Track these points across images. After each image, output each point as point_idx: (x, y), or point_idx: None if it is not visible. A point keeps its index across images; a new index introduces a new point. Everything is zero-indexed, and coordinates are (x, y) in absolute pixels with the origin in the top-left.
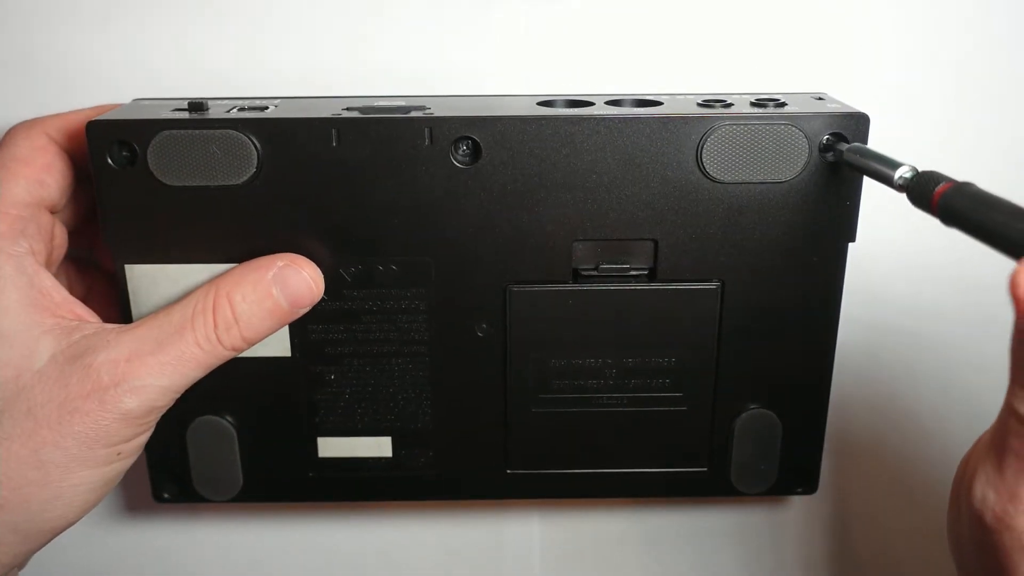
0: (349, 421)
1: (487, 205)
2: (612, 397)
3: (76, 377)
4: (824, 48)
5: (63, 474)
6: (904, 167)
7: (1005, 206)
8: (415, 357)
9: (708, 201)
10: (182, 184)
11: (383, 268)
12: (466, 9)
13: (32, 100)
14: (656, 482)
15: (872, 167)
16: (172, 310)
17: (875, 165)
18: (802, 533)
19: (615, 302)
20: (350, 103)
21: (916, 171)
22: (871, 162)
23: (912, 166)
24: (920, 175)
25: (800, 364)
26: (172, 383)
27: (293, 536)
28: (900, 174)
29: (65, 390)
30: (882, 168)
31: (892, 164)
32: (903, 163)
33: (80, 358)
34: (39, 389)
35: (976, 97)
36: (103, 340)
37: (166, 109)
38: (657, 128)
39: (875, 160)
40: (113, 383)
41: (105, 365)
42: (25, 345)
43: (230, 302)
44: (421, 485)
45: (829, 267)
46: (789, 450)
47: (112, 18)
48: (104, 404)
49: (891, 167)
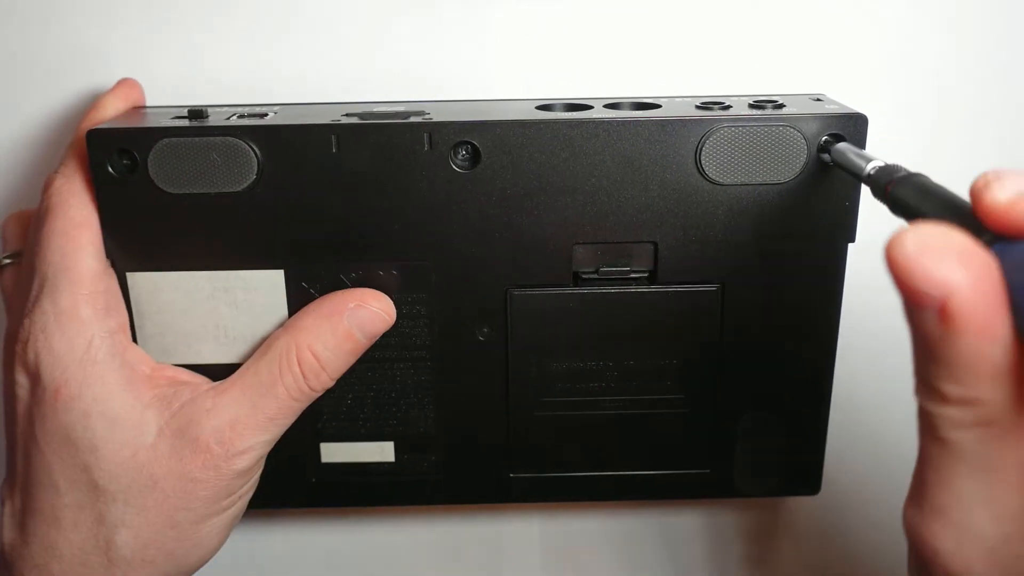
0: (351, 426)
1: (487, 209)
2: (614, 400)
3: (188, 450)
4: (822, 49)
5: (196, 527)
6: (874, 162)
7: (939, 195)
8: (416, 362)
9: (707, 203)
10: (183, 192)
11: (383, 273)
12: (464, 14)
13: (32, 106)
14: (659, 484)
15: (850, 163)
16: (258, 368)
17: (853, 160)
18: (805, 534)
19: (616, 305)
20: (349, 109)
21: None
22: (851, 158)
23: (883, 162)
24: (881, 168)
25: (801, 365)
26: (274, 435)
27: (296, 541)
28: (868, 168)
29: (181, 464)
30: (857, 162)
31: (866, 159)
32: (876, 158)
33: (186, 431)
34: (157, 464)
35: (976, 97)
36: (202, 409)
37: (166, 117)
38: (656, 131)
39: (854, 156)
40: (224, 452)
41: (212, 435)
42: (134, 424)
43: (313, 353)
44: (424, 489)
45: (829, 268)
46: (791, 451)
47: (111, 26)
48: (220, 471)
49: (864, 161)
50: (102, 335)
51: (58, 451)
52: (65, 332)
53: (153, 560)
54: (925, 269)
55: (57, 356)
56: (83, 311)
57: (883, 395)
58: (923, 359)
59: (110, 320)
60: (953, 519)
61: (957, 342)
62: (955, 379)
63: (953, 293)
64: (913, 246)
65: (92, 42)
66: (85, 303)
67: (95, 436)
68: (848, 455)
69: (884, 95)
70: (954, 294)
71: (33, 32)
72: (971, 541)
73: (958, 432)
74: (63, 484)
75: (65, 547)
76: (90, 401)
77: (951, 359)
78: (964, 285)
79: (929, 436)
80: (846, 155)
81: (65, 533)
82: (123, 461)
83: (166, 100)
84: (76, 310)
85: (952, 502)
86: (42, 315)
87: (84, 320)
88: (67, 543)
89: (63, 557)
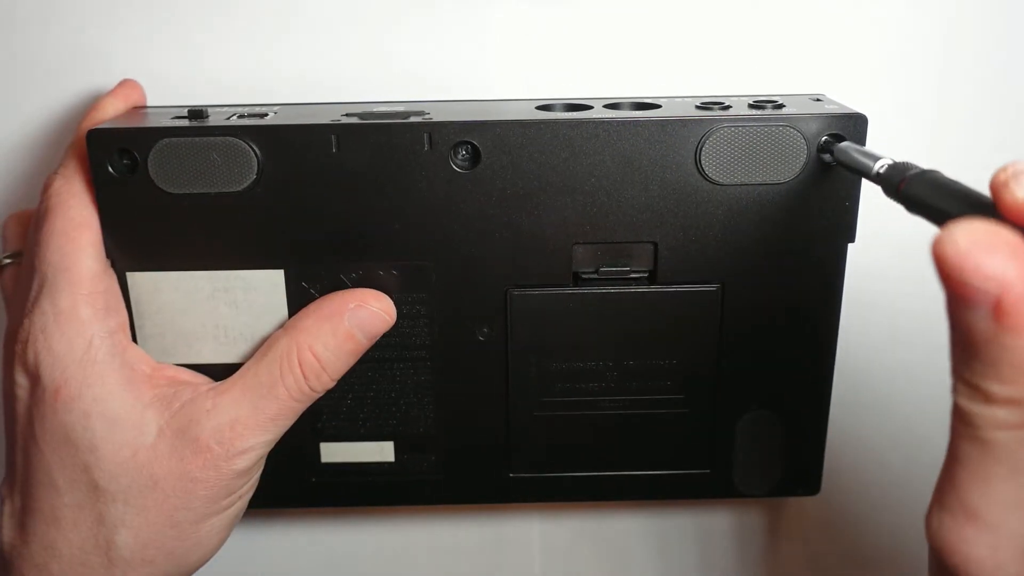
0: (351, 426)
1: (487, 209)
2: (614, 400)
3: (188, 450)
4: (821, 49)
5: (196, 527)
6: (882, 160)
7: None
8: (416, 362)
9: (707, 203)
10: (183, 191)
11: (383, 273)
12: (464, 14)
13: (33, 106)
14: (658, 484)
15: (856, 161)
16: (259, 370)
17: (859, 159)
18: (804, 534)
19: (615, 305)
20: (349, 109)
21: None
22: (857, 156)
23: (892, 159)
24: (892, 166)
25: (801, 365)
26: (275, 435)
27: (296, 541)
28: (877, 167)
29: (181, 464)
30: (864, 161)
31: (873, 157)
32: (883, 156)
33: (186, 431)
34: (157, 464)
35: (976, 97)
36: (202, 409)
37: (166, 117)
38: (656, 131)
39: (860, 155)
40: (224, 452)
41: (212, 436)
42: (134, 424)
43: (314, 354)
44: (424, 490)
45: (829, 268)
46: (791, 451)
47: (112, 26)
48: (220, 470)
49: (872, 160)
50: (102, 335)
51: (58, 451)
52: (65, 332)
53: (153, 560)
54: (978, 264)
55: (57, 356)
56: (83, 311)
57: (883, 395)
58: (966, 357)
59: (110, 320)
60: (989, 523)
61: (1008, 340)
62: (1003, 378)
63: (1008, 289)
64: (964, 241)
65: (92, 42)
66: (85, 303)
67: (95, 436)
68: (848, 455)
69: (884, 95)
70: (1009, 290)
71: (33, 32)
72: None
73: (1001, 433)
74: (63, 484)
75: (65, 547)
76: (90, 401)
77: (1000, 358)
78: (1019, 281)
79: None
80: (850, 154)
81: (65, 533)
82: (123, 461)
83: (166, 100)
84: (76, 310)
85: (988, 506)
86: (42, 315)
87: (84, 320)
88: (67, 543)
89: (63, 557)
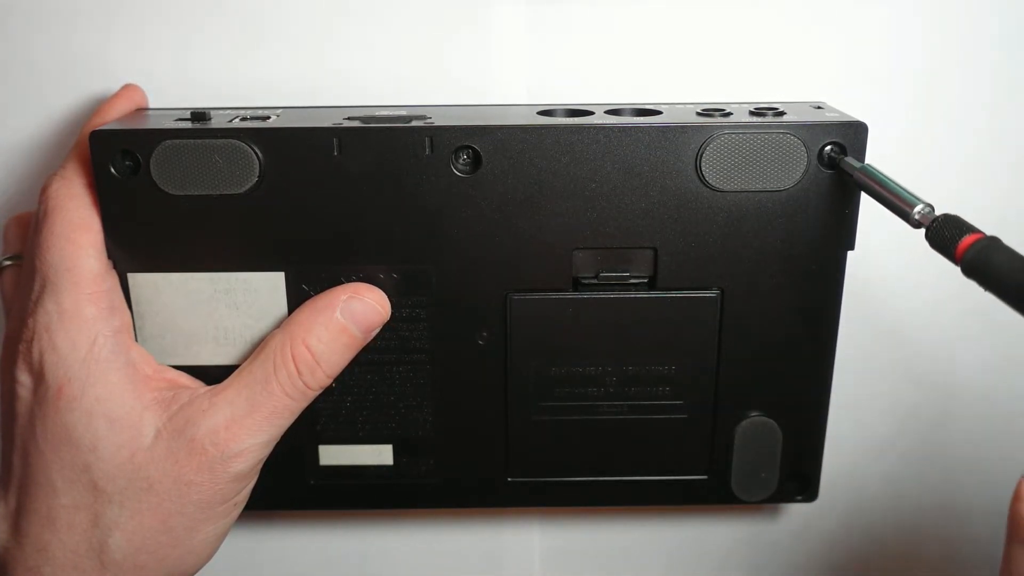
0: (350, 429)
1: (488, 214)
2: (612, 405)
3: (184, 452)
4: (822, 57)
5: (190, 533)
6: (920, 205)
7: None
8: (416, 365)
9: (707, 210)
10: (185, 193)
11: (384, 276)
12: (466, 19)
13: (34, 110)
14: (656, 490)
15: (887, 198)
16: (253, 367)
17: (890, 197)
18: (802, 541)
19: (615, 310)
20: (351, 112)
21: (932, 210)
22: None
23: (929, 204)
24: (944, 220)
25: (800, 372)
26: (271, 436)
27: (294, 543)
28: (918, 211)
29: (177, 466)
30: (898, 202)
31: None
32: (919, 200)
33: (183, 432)
34: (153, 467)
35: (977, 107)
36: (199, 409)
37: (169, 119)
38: (656, 137)
39: (889, 191)
40: (219, 453)
41: (208, 437)
42: (132, 426)
43: (307, 347)
44: (422, 493)
45: (828, 275)
46: (789, 458)
47: (114, 28)
48: (215, 473)
49: (908, 204)
50: (106, 334)
51: (58, 450)
52: (69, 331)
53: (144, 565)
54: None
55: (61, 354)
56: (87, 310)
57: (881, 403)
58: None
59: (114, 319)
60: None
61: None
62: None
63: None
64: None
65: (94, 46)
66: (88, 302)
67: (96, 435)
68: (846, 462)
69: (884, 103)
70: None
71: (35, 36)
72: None
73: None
74: (61, 484)
75: (58, 549)
76: (92, 400)
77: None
78: None
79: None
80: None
81: (59, 535)
82: (121, 463)
83: (168, 103)
84: (79, 309)
85: None
86: (45, 314)
87: (88, 319)
88: (60, 545)
89: (55, 560)
